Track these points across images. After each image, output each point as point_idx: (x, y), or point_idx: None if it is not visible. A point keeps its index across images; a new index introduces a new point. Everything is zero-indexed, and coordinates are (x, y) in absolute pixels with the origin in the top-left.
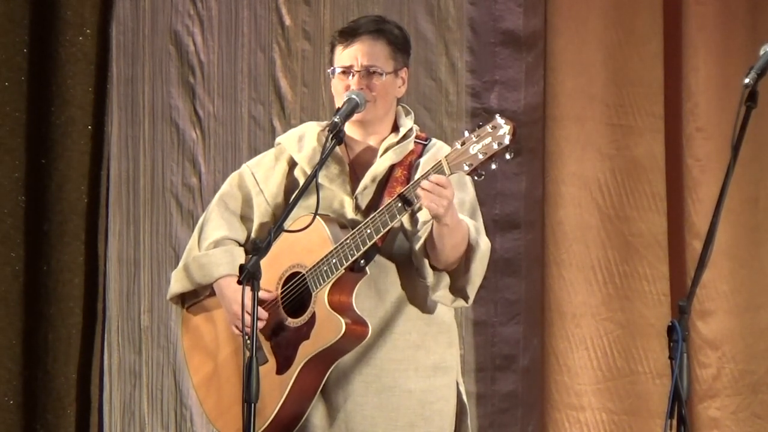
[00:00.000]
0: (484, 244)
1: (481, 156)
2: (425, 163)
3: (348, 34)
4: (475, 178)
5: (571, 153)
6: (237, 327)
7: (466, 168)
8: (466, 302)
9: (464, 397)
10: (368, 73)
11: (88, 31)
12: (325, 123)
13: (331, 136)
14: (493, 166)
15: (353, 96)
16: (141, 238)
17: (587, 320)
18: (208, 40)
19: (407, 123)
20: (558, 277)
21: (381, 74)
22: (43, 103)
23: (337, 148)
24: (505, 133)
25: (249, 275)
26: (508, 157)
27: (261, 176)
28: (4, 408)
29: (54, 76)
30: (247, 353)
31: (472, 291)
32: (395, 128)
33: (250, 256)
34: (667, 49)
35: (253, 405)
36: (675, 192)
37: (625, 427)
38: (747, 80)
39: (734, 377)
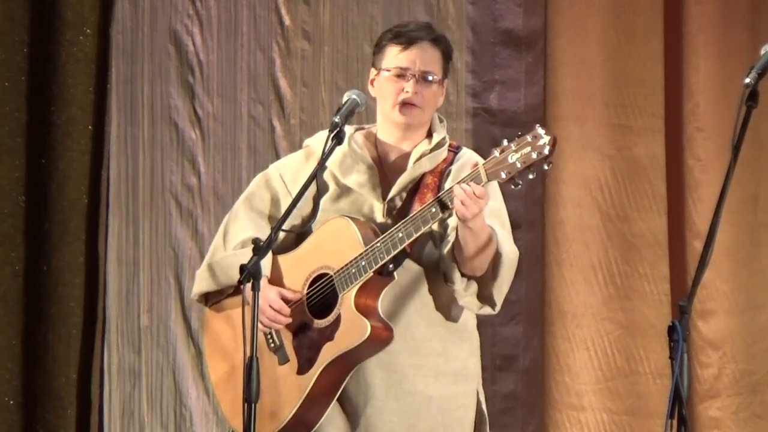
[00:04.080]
0: (512, 252)
1: (519, 165)
2: (456, 171)
3: (406, 38)
4: (512, 186)
5: (571, 153)
6: (262, 323)
7: (504, 176)
8: (493, 309)
9: (484, 406)
10: (423, 78)
11: (88, 30)
12: (355, 126)
13: (331, 136)
14: (531, 176)
15: (354, 96)
16: (140, 238)
17: (588, 320)
18: (207, 40)
19: (441, 131)
20: (558, 276)
21: (433, 82)
22: (44, 103)
23: (367, 152)
24: (545, 143)
25: (249, 275)
26: (546, 167)
27: (289, 178)
28: (4, 408)
29: (54, 76)
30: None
31: (499, 298)
32: (428, 135)
33: (252, 256)
34: (667, 49)
35: (252, 405)
36: (675, 192)
37: (625, 427)
38: (748, 80)
39: (735, 377)
